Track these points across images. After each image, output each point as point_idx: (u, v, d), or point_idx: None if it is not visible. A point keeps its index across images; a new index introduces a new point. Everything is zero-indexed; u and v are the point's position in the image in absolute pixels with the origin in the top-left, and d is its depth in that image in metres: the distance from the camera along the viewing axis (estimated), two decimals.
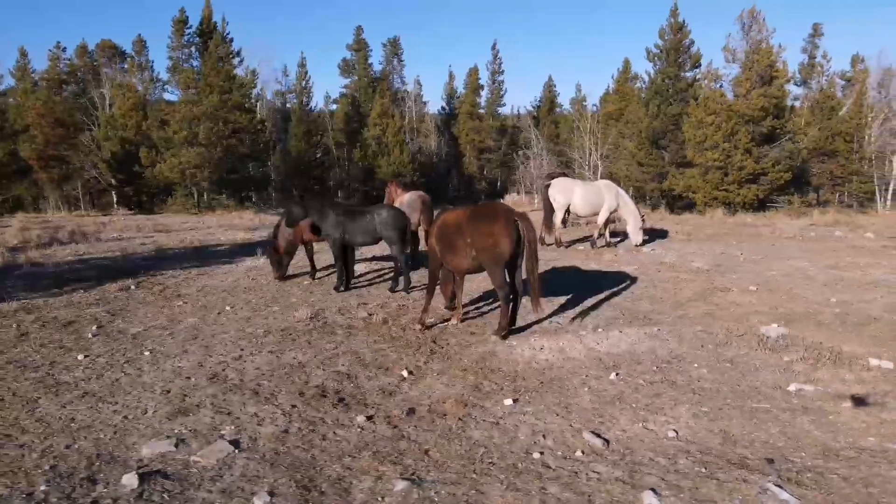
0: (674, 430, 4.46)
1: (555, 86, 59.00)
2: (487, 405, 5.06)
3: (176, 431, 4.48)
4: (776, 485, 3.57)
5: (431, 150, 50.79)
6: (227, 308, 8.24)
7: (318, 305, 8.29)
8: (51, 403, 5.01)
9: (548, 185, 13.51)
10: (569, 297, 8.56)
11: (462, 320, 7.62)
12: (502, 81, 53.09)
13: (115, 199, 34.83)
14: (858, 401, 4.98)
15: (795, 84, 47.00)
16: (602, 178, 37.63)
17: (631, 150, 35.22)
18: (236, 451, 4.18)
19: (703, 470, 3.83)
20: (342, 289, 9.16)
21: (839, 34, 76.58)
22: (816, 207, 30.03)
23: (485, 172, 53.27)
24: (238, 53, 34.83)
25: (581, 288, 9.08)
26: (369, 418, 4.77)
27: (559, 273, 10.23)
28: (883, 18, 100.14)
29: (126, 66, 44.67)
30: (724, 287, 9.34)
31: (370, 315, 7.87)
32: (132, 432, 4.48)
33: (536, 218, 11.10)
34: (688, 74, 34.12)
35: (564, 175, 22.23)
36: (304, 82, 50.48)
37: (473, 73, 53.57)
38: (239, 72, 35.74)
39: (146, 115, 33.67)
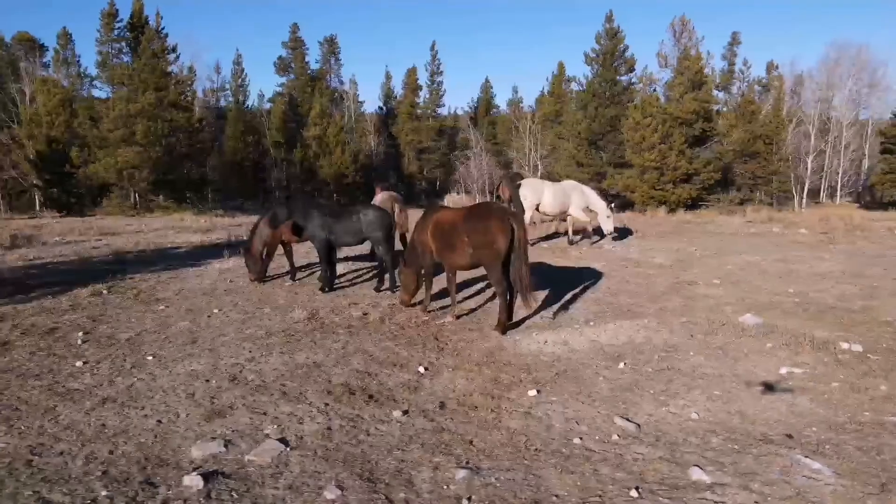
0: (695, 412, 4.81)
1: (492, 87, 60.13)
2: (513, 396, 5.28)
3: (219, 433, 4.47)
4: (805, 456, 3.95)
5: (371, 150, 50.60)
6: (216, 311, 8.13)
7: (309, 306, 8.29)
8: (72, 411, 4.88)
9: (518, 185, 13.87)
10: (549, 292, 8.89)
11: (458, 317, 7.83)
12: (441, 82, 53.53)
13: (38, 201, 32.93)
14: (844, 381, 5.49)
15: (717, 90, 49.50)
16: (541, 178, 38.61)
17: (570, 151, 36.27)
18: (287, 449, 4.23)
19: (735, 447, 4.18)
20: (327, 289, 9.17)
21: (756, 42, 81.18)
22: (745, 206, 31.82)
23: (424, 172, 53.57)
24: (174, 49, 33.66)
25: (558, 284, 9.44)
26: (405, 413, 4.90)
27: (533, 270, 10.53)
28: (795, 28, 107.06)
29: (49, 61, 42.32)
30: (691, 281, 9.92)
31: (365, 315, 7.95)
32: (173, 436, 4.44)
33: None
34: (623, 78, 35.48)
35: (520, 175, 22.80)
36: (240, 80, 49.30)
37: (412, 73, 53.81)
38: (174, 69, 34.56)
39: (75, 113, 32.07)
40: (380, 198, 11.23)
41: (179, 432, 4.50)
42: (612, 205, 14.58)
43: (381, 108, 59.89)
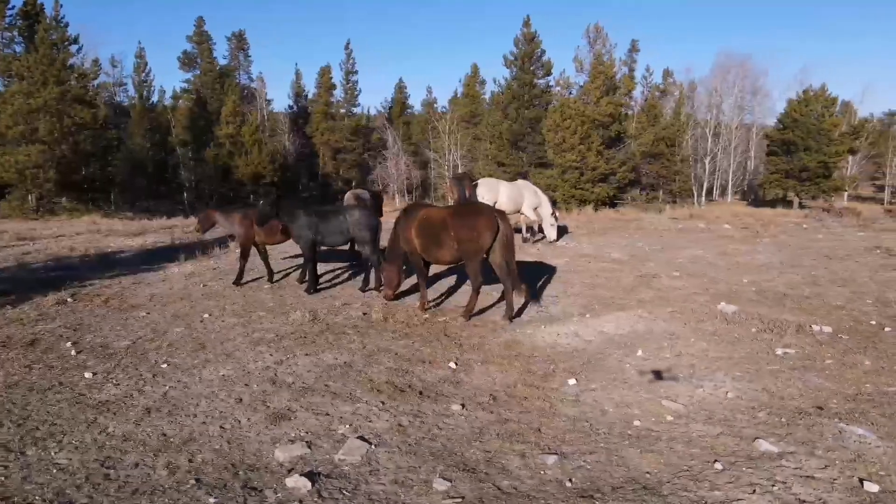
0: (727, 391, 5.26)
1: (405, 87, 60.12)
2: (554, 386, 5.54)
3: (293, 435, 4.44)
4: (846, 424, 4.47)
5: (285, 149, 49.32)
6: (206, 316, 7.85)
7: (304, 308, 8.17)
8: (118, 423, 4.66)
9: (475, 185, 14.14)
10: (529, 287, 9.22)
11: (425, 309, 8.18)
12: (356, 81, 52.96)
13: None
14: (834, 358, 6.15)
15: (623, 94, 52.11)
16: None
17: (491, 151, 37.08)
18: (372, 447, 4.27)
19: (782, 419, 4.64)
20: (312, 290, 9.05)
21: (653, 50, 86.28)
22: (666, 204, 33.84)
23: (340, 173, 52.89)
24: (76, 40, 31.39)
25: (535, 279, 9.81)
26: (463, 406, 5.04)
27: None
28: (691, 37, 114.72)
29: None
30: (653, 274, 10.58)
31: (365, 314, 7.95)
32: (246, 441, 4.37)
33: None
34: (540, 82, 36.68)
35: (467, 174, 23.04)
36: (143, 75, 46.59)
37: (325, 72, 52.95)
38: (75, 61, 32.18)
39: None
40: (346, 196, 11.18)
41: (251, 437, 4.42)
42: (557, 213, 15.17)
43: (291, 107, 58.55)
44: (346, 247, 11.04)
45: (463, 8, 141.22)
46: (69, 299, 8.56)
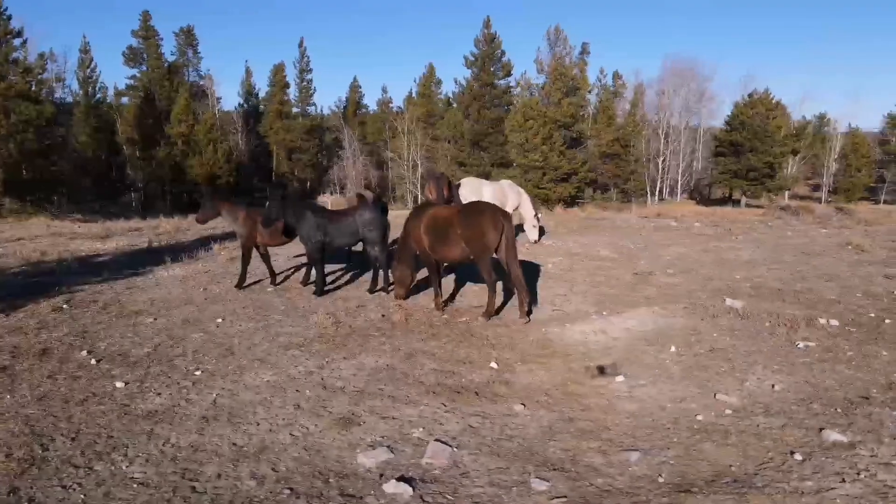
0: (772, 384, 5.44)
1: (360, 87, 59.65)
2: (602, 383, 5.62)
3: (369, 441, 4.38)
4: None
5: (238, 148, 48.23)
6: (219, 320, 7.61)
7: (321, 311, 8.01)
8: (178, 433, 4.49)
9: (458, 185, 14.14)
10: (533, 286, 9.33)
11: (443, 308, 8.23)
12: (311, 80, 52.23)
13: None
14: (853, 350, 6.44)
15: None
16: (420, 178, 39.21)
17: (452, 151, 37.23)
18: (454, 449, 4.24)
19: (837, 409, 4.83)
20: (321, 293, 8.88)
21: (601, 53, 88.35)
22: (632, 203, 34.66)
23: (295, 172, 52.09)
24: (20, 33, 29.85)
25: (537, 278, 9.92)
26: (524, 405, 5.06)
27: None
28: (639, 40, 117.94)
29: None
30: (648, 271, 10.83)
31: (384, 316, 7.86)
32: (324, 447, 4.28)
33: None
34: (501, 82, 37.05)
35: (442, 174, 22.97)
36: (88, 70, 44.61)
37: (279, 70, 52.14)
38: (18, 55, 30.59)
39: None
40: (349, 198, 11.03)
41: (326, 444, 4.33)
42: (539, 215, 15.30)
43: (241, 105, 57.32)
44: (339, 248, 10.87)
45: (417, 7, 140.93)
46: (65, 306, 8.16)
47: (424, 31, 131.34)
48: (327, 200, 41.36)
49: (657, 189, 44.38)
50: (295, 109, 52.62)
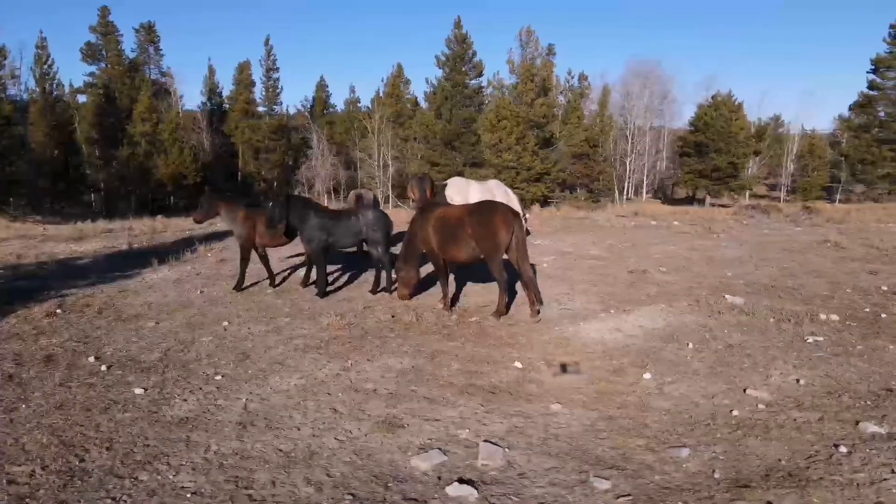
0: (797, 379, 5.56)
1: (327, 86, 59.02)
2: (631, 380, 5.65)
3: (418, 443, 4.31)
4: None
5: (205, 149, 47.21)
6: (225, 324, 7.44)
7: (326, 312, 7.88)
8: (218, 440, 4.36)
9: (444, 185, 14.10)
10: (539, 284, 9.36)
11: (451, 308, 8.21)
12: (278, 79, 51.48)
13: None
14: (862, 344, 6.63)
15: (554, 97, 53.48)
16: (392, 179, 39.06)
17: (424, 151, 37.16)
18: (505, 450, 4.21)
19: (867, 402, 4.96)
20: (323, 294, 8.74)
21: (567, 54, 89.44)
22: (605, 202, 35.10)
23: (262, 173, 51.26)
24: None
25: (539, 276, 9.94)
26: (561, 404, 5.05)
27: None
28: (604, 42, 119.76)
29: None
30: (642, 269, 10.96)
31: (393, 317, 7.78)
32: (374, 451, 4.20)
33: None
34: (472, 83, 37.13)
35: (426, 174, 22.84)
36: (45, 67, 43.04)
37: (244, 68, 51.24)
38: None
39: None
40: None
41: (375, 447, 4.25)
42: (528, 215, 15.38)
43: (204, 104, 56.11)
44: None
45: (385, 6, 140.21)
46: (59, 311, 7.86)
47: (393, 30, 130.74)
48: None
49: (625, 188, 45.06)
50: (261, 109, 51.79)
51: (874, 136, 44.40)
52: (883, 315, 7.83)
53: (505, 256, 7.72)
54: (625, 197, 44.12)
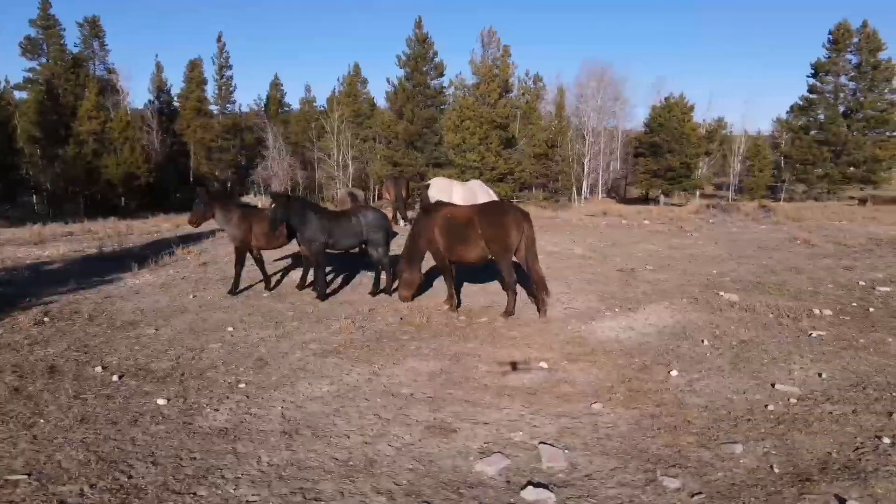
0: (817, 373, 5.72)
1: (282, 84, 58.00)
2: (659, 378, 5.71)
3: (476, 448, 4.25)
4: None
5: (156, 148, 45.65)
6: (230, 329, 7.19)
7: (333, 316, 7.72)
8: (266, 451, 4.22)
9: (427, 186, 14.05)
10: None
11: (456, 308, 8.22)
12: (231, 77, 50.32)
13: None
14: (863, 338, 6.88)
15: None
16: (352, 179, 38.73)
17: (385, 151, 36.90)
18: (565, 451, 4.19)
19: (894, 394, 5.15)
20: (323, 297, 8.55)
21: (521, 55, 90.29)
22: (572, 202, 35.53)
23: (216, 173, 49.96)
24: None
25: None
26: (601, 404, 5.06)
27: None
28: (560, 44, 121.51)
29: None
30: (629, 268, 11.14)
31: (402, 319, 7.67)
32: (435, 457, 4.15)
33: None
34: (434, 83, 37.07)
35: (401, 175, 22.64)
36: None
37: (196, 65, 49.89)
38: None
39: None
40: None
41: (434, 453, 4.18)
42: None
43: (151, 102, 54.28)
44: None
45: (341, 4, 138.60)
46: (46, 319, 7.46)
47: (349, 30, 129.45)
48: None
49: (583, 188, 45.79)
50: (214, 107, 50.50)
51: (813, 137, 46.36)
52: (871, 309, 8.15)
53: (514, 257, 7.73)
54: (582, 197, 44.82)
